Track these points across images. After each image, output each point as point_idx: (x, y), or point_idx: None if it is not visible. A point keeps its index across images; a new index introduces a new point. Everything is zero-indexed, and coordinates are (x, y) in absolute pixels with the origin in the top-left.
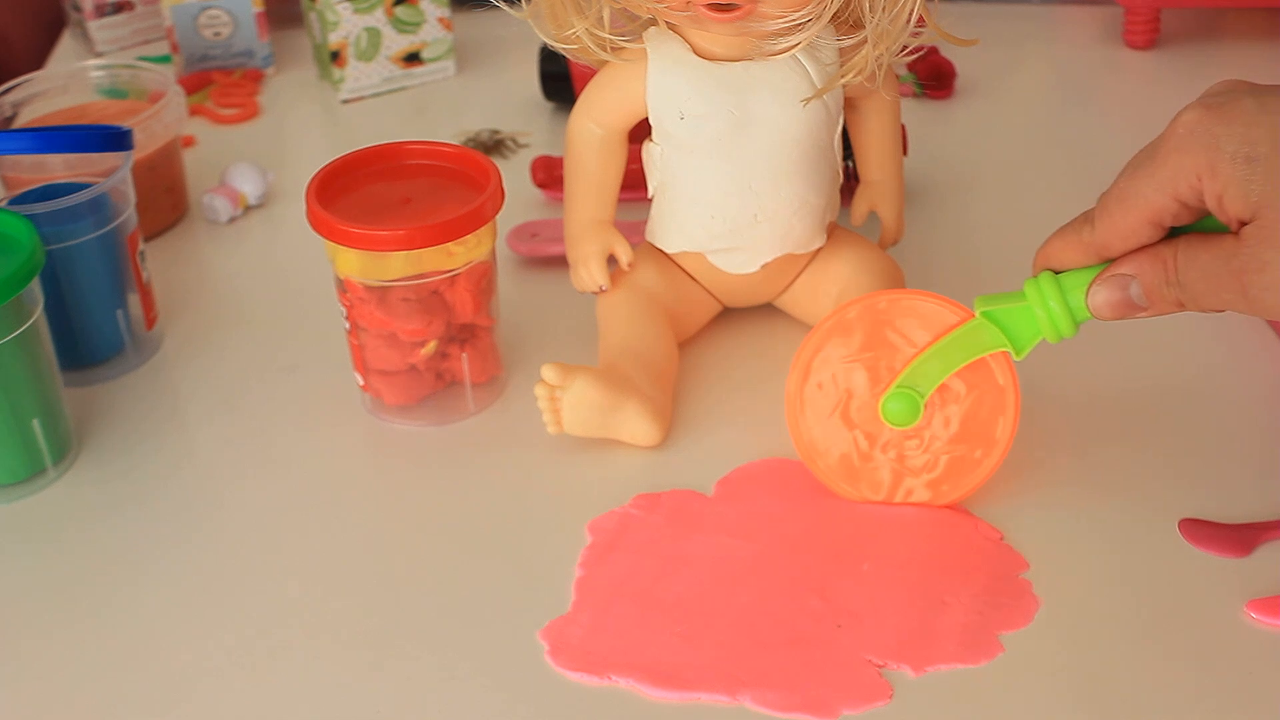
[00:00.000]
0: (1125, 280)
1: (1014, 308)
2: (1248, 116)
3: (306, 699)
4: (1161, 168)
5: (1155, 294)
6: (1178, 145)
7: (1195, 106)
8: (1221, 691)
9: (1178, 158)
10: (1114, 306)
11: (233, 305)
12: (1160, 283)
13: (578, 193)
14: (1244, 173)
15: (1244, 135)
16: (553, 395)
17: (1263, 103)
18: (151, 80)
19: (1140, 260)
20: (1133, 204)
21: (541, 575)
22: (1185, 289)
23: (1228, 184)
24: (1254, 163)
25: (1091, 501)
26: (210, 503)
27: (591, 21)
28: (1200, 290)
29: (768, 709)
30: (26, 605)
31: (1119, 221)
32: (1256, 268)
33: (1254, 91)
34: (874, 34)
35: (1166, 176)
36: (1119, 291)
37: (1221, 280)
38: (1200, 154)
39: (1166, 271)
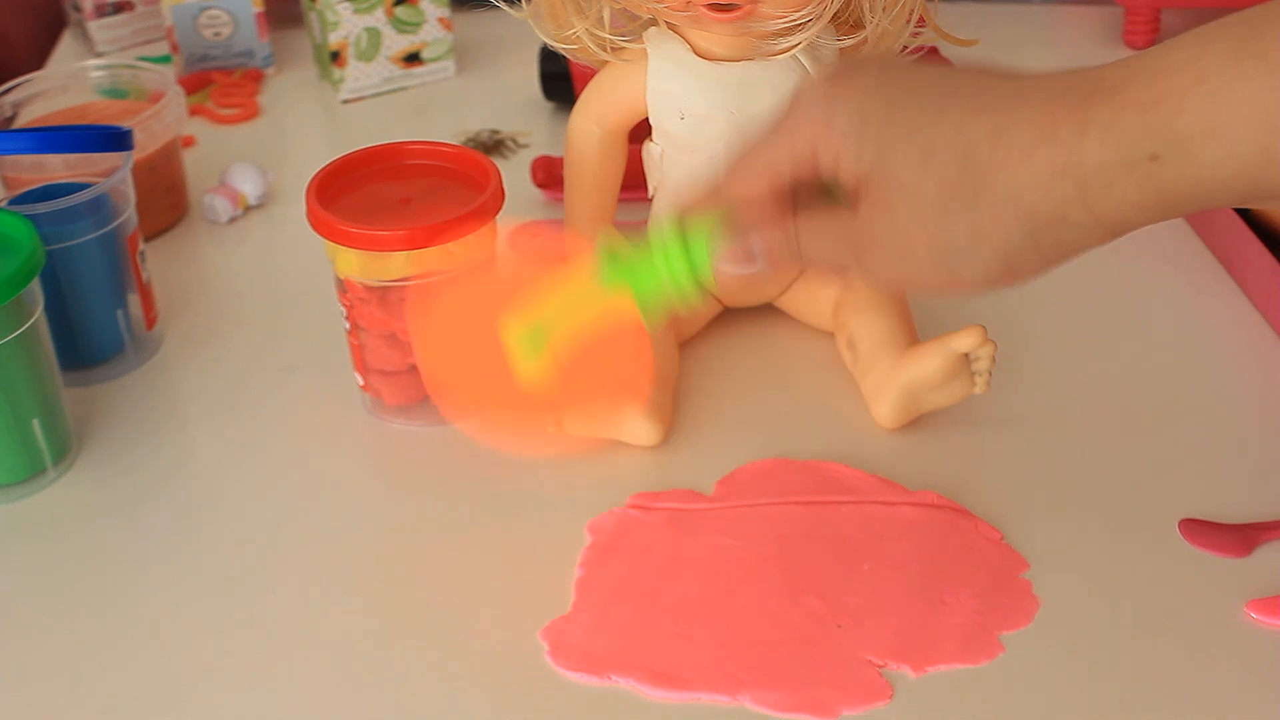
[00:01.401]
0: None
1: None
2: (866, 86)
3: (306, 699)
4: (782, 128)
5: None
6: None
7: (818, 79)
8: (1221, 691)
9: (797, 117)
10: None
11: (233, 305)
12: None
13: (578, 193)
14: (859, 133)
15: (859, 100)
16: None
17: (881, 74)
18: (151, 80)
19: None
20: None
21: (541, 575)
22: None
23: (842, 146)
24: (868, 124)
25: (1091, 501)
26: (210, 503)
27: (591, 21)
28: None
29: (768, 709)
30: (26, 605)
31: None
32: (868, 239)
33: (879, 66)
34: (874, 34)
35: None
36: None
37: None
38: (818, 116)
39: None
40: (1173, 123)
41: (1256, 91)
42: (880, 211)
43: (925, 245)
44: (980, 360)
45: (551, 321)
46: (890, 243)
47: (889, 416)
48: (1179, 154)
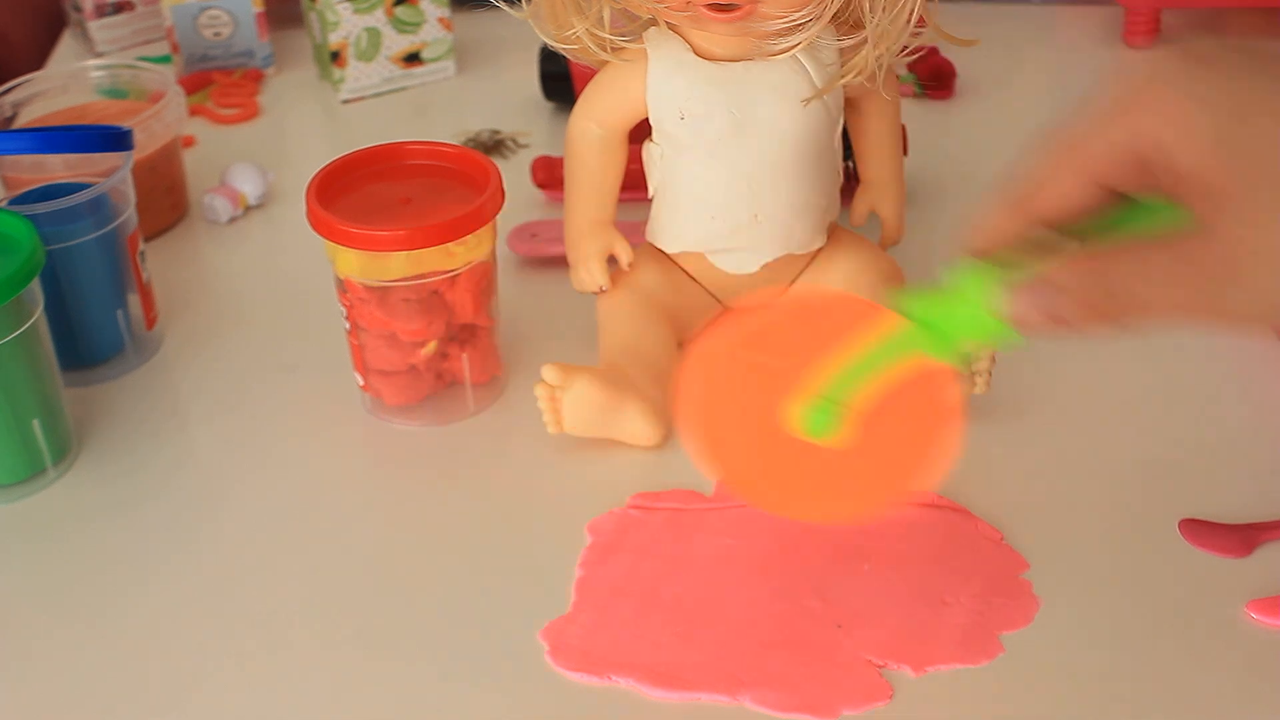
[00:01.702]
0: (1052, 288)
1: (940, 306)
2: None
3: (306, 699)
4: (1116, 109)
5: (1090, 307)
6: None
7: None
8: (1221, 691)
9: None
10: (1038, 319)
11: (233, 305)
12: (1099, 293)
13: (578, 193)
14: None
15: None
16: (553, 395)
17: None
18: (151, 80)
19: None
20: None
21: (541, 575)
22: (1134, 300)
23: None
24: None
25: (1091, 501)
26: (210, 503)
27: (591, 21)
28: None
29: (768, 709)
30: (27, 605)
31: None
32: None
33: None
34: (874, 34)
35: (1122, 121)
36: (1048, 299)
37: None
38: (1172, 100)
39: (1105, 278)
40: None
41: None
42: (1250, 225)
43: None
44: (980, 360)
45: (847, 389)
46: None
47: None
48: None
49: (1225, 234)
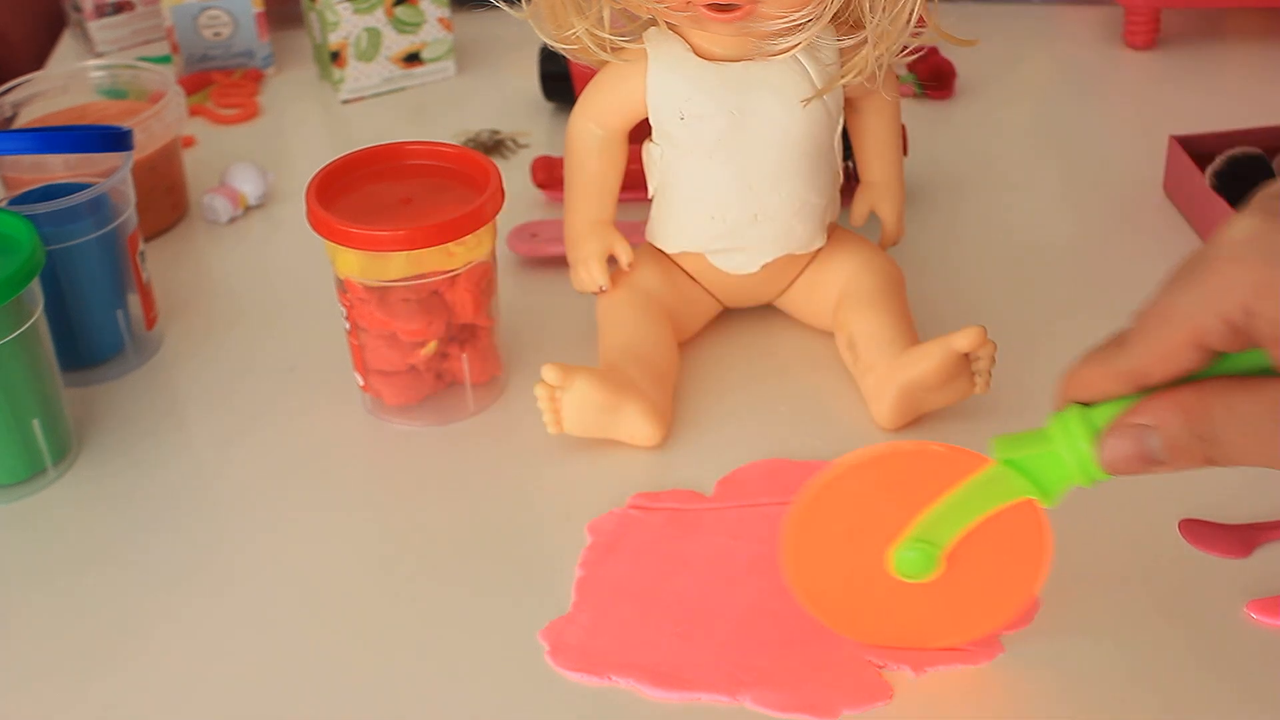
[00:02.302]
0: (1142, 431)
1: (1037, 453)
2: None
3: (306, 698)
4: (1209, 279)
5: (1179, 449)
6: (1231, 255)
7: (1253, 210)
8: (1221, 691)
9: (1229, 269)
10: (1127, 461)
11: (233, 305)
12: (1186, 436)
13: (578, 193)
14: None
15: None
16: (553, 395)
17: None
18: (151, 80)
19: (1162, 407)
20: (1172, 321)
21: (541, 575)
22: (1218, 445)
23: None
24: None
25: (1092, 501)
26: (210, 503)
27: (591, 21)
28: (1238, 447)
29: (768, 709)
30: (27, 605)
31: (1155, 342)
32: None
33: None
34: (874, 34)
35: (1213, 290)
36: (1134, 444)
37: (1267, 436)
38: (1257, 267)
39: (1195, 422)
40: None
41: None
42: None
43: None
44: (980, 360)
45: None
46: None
47: (889, 417)
48: None
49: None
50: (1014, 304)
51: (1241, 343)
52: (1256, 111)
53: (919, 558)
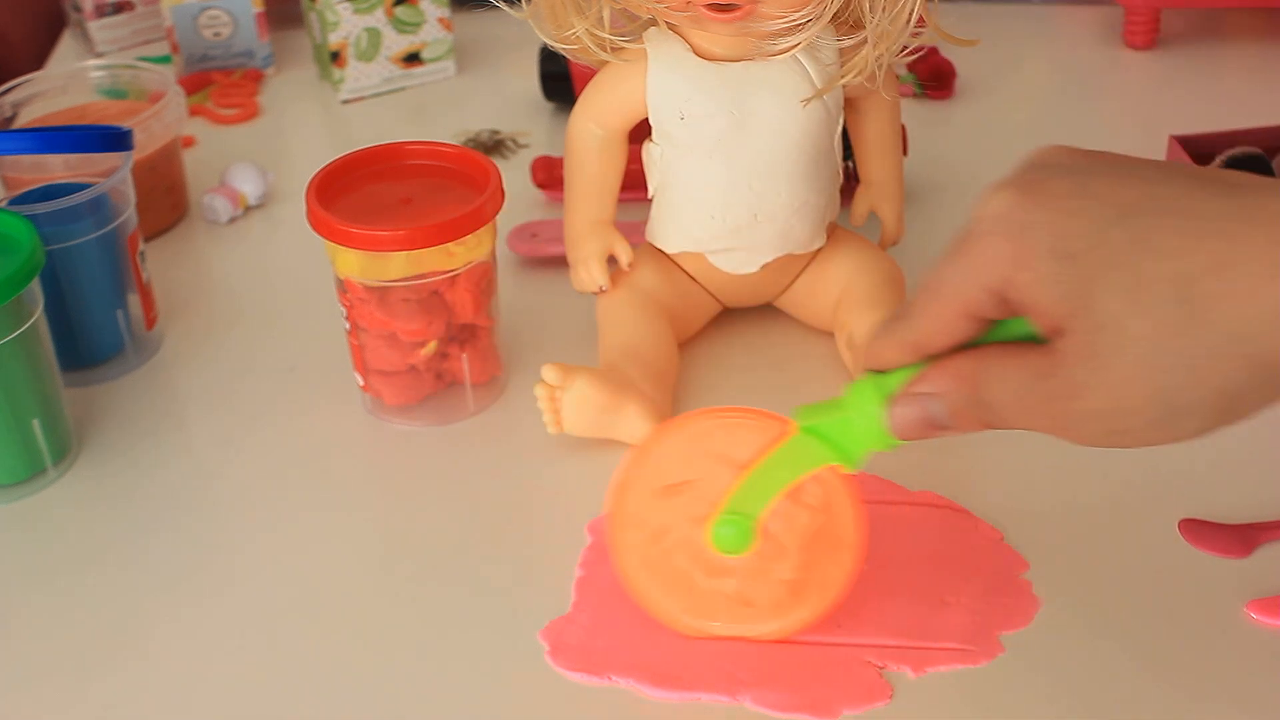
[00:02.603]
0: (926, 399)
1: (835, 419)
2: (1064, 202)
3: (306, 698)
4: (970, 254)
5: (960, 414)
6: (987, 229)
7: (1007, 185)
8: (1221, 691)
9: (987, 243)
10: (914, 427)
11: (233, 305)
12: (965, 402)
13: (578, 193)
14: (1056, 271)
15: (1058, 225)
16: (553, 395)
17: (1082, 184)
18: (151, 80)
19: (943, 376)
20: (942, 295)
21: (541, 575)
22: (994, 410)
23: (1038, 283)
24: (1068, 260)
25: (1091, 501)
26: (210, 502)
27: (591, 21)
28: (1009, 412)
29: (768, 709)
30: (27, 605)
31: (932, 315)
32: (1070, 392)
33: (1074, 168)
34: (874, 34)
35: (975, 264)
36: (919, 411)
37: (1033, 405)
38: (1009, 243)
39: (971, 389)
40: None
41: None
42: (1086, 358)
43: (1141, 395)
44: None
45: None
46: (1099, 394)
47: None
48: None
49: (1069, 363)
50: None
51: (1009, 310)
52: (1256, 111)
53: (734, 531)
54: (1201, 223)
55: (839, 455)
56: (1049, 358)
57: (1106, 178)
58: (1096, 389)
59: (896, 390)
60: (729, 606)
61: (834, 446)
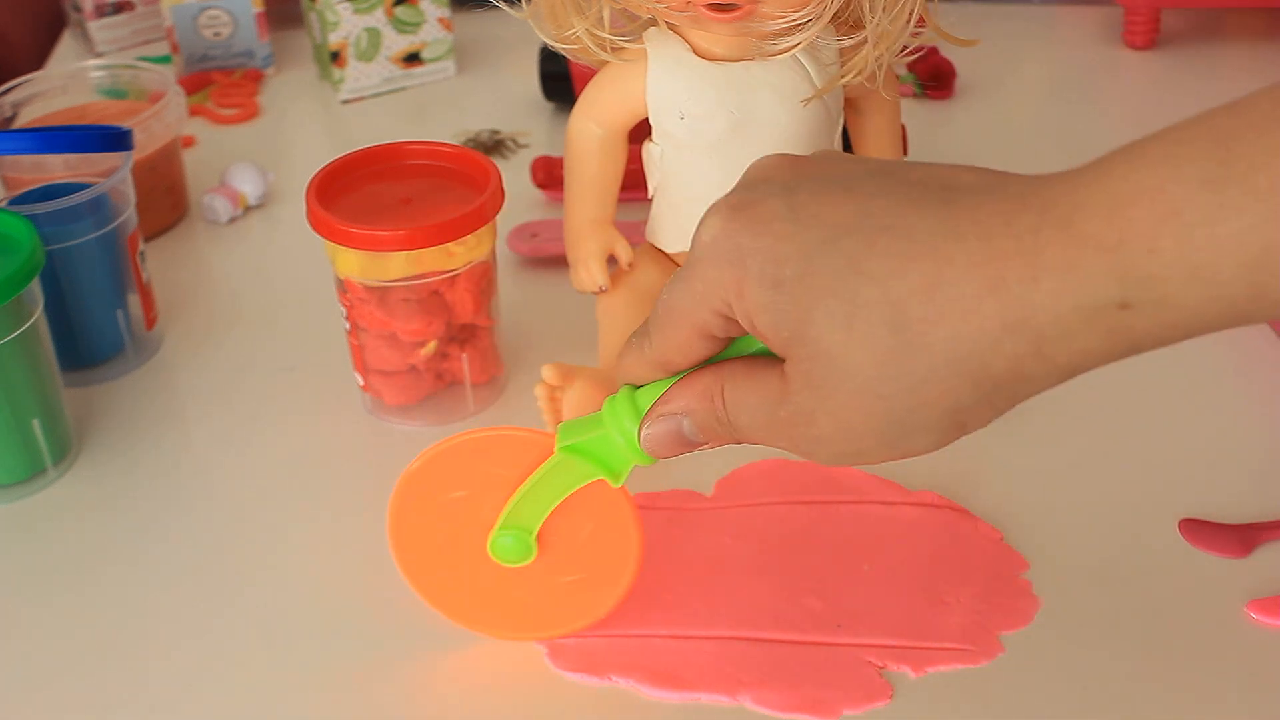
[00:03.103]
0: (673, 418)
1: (594, 437)
2: (776, 226)
3: (305, 698)
4: (692, 281)
5: (708, 431)
6: (704, 255)
7: (720, 208)
8: (1221, 691)
9: (705, 271)
10: (665, 445)
11: (233, 305)
12: (710, 420)
13: (578, 193)
14: (770, 300)
15: (770, 251)
16: (553, 395)
17: (793, 205)
18: (151, 80)
19: (688, 396)
20: (674, 318)
21: None
22: (738, 430)
23: (754, 312)
24: (780, 288)
25: (1091, 501)
26: (210, 503)
27: (591, 21)
28: (748, 429)
29: (768, 709)
30: (26, 605)
31: (669, 336)
32: (801, 419)
33: (787, 185)
34: (874, 34)
35: (698, 291)
36: (669, 429)
37: (771, 428)
38: (726, 269)
39: (713, 407)
40: (1143, 265)
41: (1245, 225)
42: (809, 386)
43: (866, 421)
44: None
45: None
46: (826, 422)
47: None
48: (1153, 300)
49: (796, 391)
50: None
51: (740, 330)
52: None
53: (514, 543)
54: (911, 242)
55: (603, 470)
56: (781, 383)
57: (818, 196)
58: (823, 417)
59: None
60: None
61: (597, 462)
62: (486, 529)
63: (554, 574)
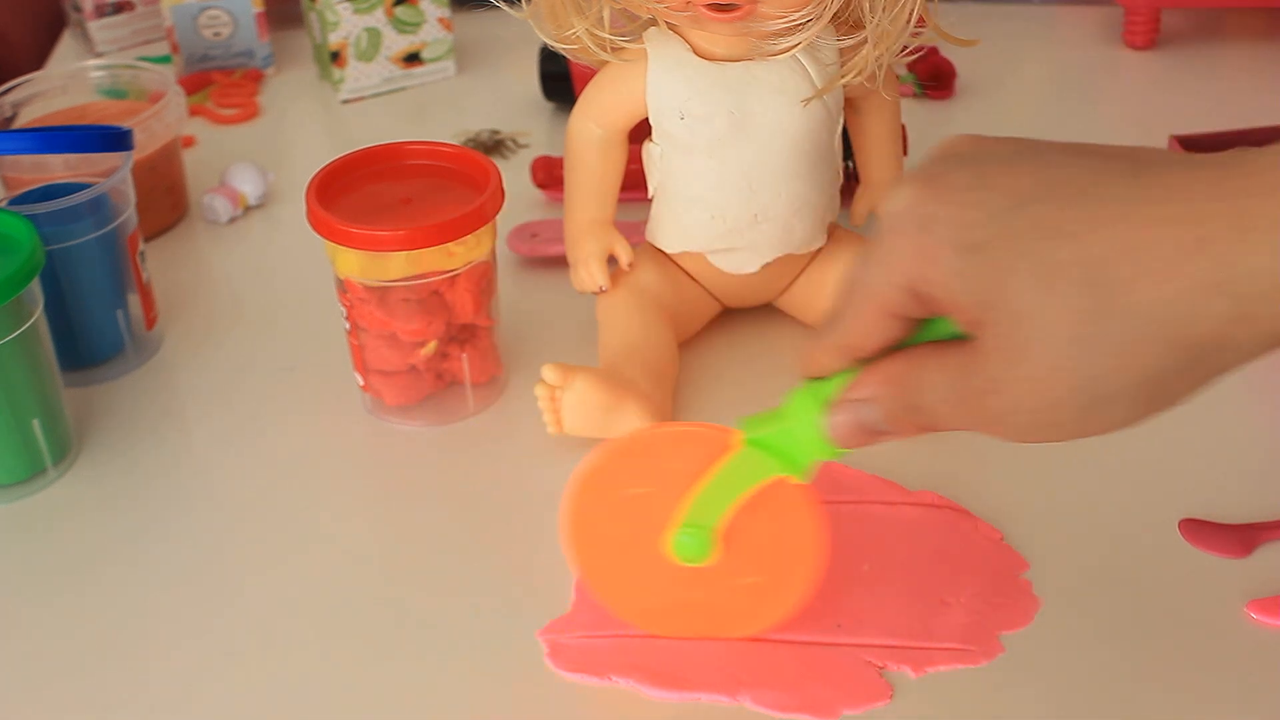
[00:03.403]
0: (861, 405)
1: (779, 430)
2: (965, 194)
3: (305, 698)
4: (880, 254)
5: (896, 420)
6: (892, 226)
7: (910, 180)
8: (1221, 691)
9: (893, 241)
10: (852, 435)
11: (233, 305)
12: (899, 407)
13: (578, 193)
14: (962, 265)
15: (961, 218)
16: (553, 395)
17: (982, 174)
18: (151, 80)
19: (875, 380)
20: (863, 297)
21: (541, 575)
22: (927, 413)
23: (947, 279)
24: (973, 253)
25: (1091, 501)
26: (210, 503)
27: (591, 21)
28: (941, 415)
29: (768, 709)
30: (27, 605)
31: (855, 318)
32: (994, 388)
33: (974, 157)
34: (874, 34)
35: (885, 264)
36: (855, 418)
37: (962, 404)
38: (913, 239)
39: (904, 393)
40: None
41: None
42: (1005, 351)
43: (1064, 386)
44: None
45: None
46: (1023, 389)
47: None
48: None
49: (990, 359)
50: None
51: (927, 308)
52: (1256, 111)
53: (694, 541)
54: (1107, 205)
55: (787, 466)
56: (971, 355)
57: (1007, 165)
58: (1017, 385)
59: (833, 397)
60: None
61: (780, 457)
62: (664, 526)
63: (732, 574)
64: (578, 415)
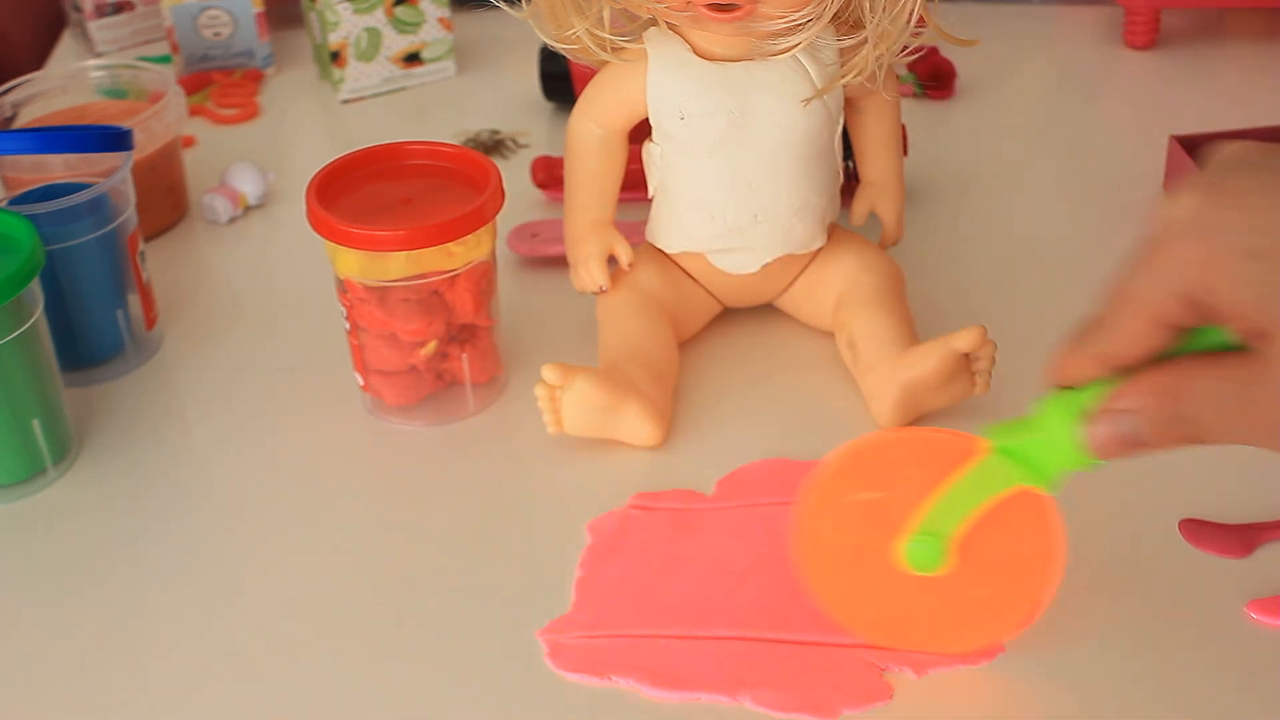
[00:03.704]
0: (1123, 415)
1: (1030, 440)
2: (1250, 200)
3: (305, 699)
4: (1158, 260)
5: (1161, 431)
6: (1176, 233)
7: (1192, 187)
8: (1221, 691)
9: (1176, 249)
10: (1113, 445)
11: (233, 305)
12: (1166, 418)
13: (578, 193)
14: (1251, 271)
15: (1249, 223)
16: (553, 395)
17: (1268, 179)
18: (151, 80)
19: (1141, 391)
20: (1131, 304)
21: (541, 575)
22: (1196, 425)
23: (1233, 285)
24: (1263, 259)
25: (1091, 501)
26: (210, 503)
27: (591, 21)
28: (1215, 426)
29: (768, 709)
30: (27, 605)
31: (1122, 326)
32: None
33: (1260, 164)
34: (874, 34)
35: (1164, 270)
36: (1117, 429)
37: (1237, 414)
38: (1198, 245)
39: (1172, 404)
40: None
41: None
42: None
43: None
44: (980, 360)
45: (948, 522)
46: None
47: (889, 416)
48: None
49: (1276, 369)
50: (1014, 304)
51: (1202, 316)
52: (1256, 111)
53: (927, 549)
54: None
55: (1034, 476)
56: (1253, 365)
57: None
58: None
59: (1091, 408)
60: (918, 623)
61: (1028, 467)
62: (897, 533)
63: (965, 586)
64: (578, 415)
